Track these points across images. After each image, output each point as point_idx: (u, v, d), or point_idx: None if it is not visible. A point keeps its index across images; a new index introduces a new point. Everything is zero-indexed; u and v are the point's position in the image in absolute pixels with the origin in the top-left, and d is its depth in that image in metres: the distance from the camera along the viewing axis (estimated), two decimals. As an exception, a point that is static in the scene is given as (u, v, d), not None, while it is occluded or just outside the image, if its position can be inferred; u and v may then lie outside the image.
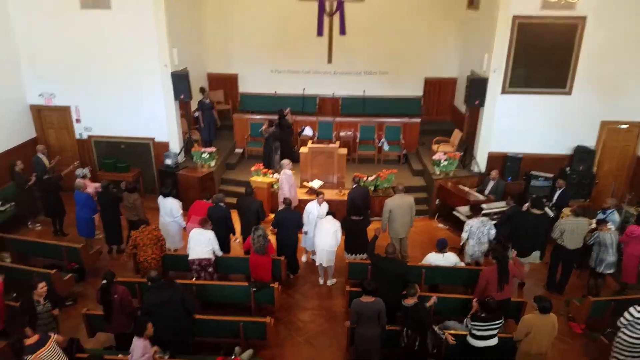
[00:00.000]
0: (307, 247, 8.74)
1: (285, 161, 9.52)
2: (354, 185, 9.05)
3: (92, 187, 9.00)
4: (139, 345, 5.33)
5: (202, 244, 7.39)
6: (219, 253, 7.59)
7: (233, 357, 6.00)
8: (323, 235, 7.84)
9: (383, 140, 12.20)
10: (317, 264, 8.21)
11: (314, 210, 8.30)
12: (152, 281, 6.02)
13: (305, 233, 8.45)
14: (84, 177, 9.06)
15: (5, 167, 9.49)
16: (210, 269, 7.51)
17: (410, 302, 5.92)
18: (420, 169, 11.63)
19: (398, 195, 8.41)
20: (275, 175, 10.34)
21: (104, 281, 6.06)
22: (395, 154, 12.32)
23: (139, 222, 7.59)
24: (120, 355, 5.87)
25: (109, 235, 8.91)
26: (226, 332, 6.59)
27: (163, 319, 5.78)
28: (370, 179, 10.21)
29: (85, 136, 11.06)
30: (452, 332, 6.22)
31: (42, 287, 6.01)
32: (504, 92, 10.33)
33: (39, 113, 10.97)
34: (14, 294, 6.81)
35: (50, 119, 11.04)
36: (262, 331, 6.55)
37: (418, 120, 12.58)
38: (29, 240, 8.53)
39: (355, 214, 8.13)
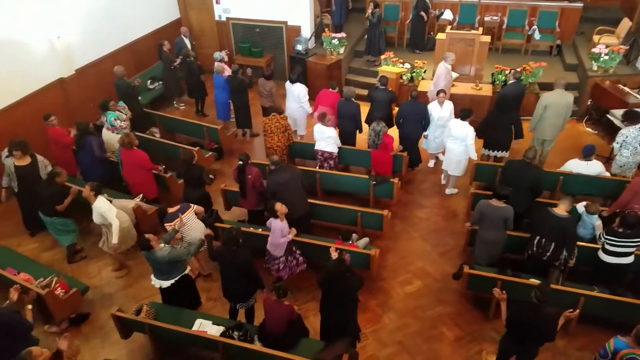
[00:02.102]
0: (428, 149, 8.30)
1: (451, 54, 8.58)
2: (512, 81, 8.14)
3: (229, 71, 9.27)
4: (277, 227, 5.73)
5: (323, 140, 7.53)
6: (339, 144, 7.68)
7: (350, 242, 6.24)
8: (451, 141, 7.33)
9: (534, 27, 10.74)
10: (442, 167, 7.82)
11: (433, 112, 7.72)
12: (275, 164, 6.39)
13: (426, 137, 8.03)
14: (221, 60, 9.41)
15: (154, 46, 10.15)
16: (332, 162, 7.68)
17: (563, 213, 5.48)
18: (574, 63, 10.20)
19: (557, 91, 7.48)
20: (406, 64, 9.80)
21: (240, 162, 6.50)
22: (547, 45, 10.89)
23: (270, 109, 7.84)
24: (251, 228, 6.49)
25: (238, 118, 9.27)
26: (345, 220, 6.88)
27: (286, 198, 6.14)
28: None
29: (224, 18, 11.32)
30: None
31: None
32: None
33: (183, -7, 11.37)
34: (163, 166, 7.69)
35: (192, -1, 11.41)
36: (378, 222, 6.72)
37: (580, 5, 10.71)
38: (175, 118, 9.25)
39: (502, 110, 7.39)
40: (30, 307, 4.87)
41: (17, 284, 5.54)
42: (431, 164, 8.48)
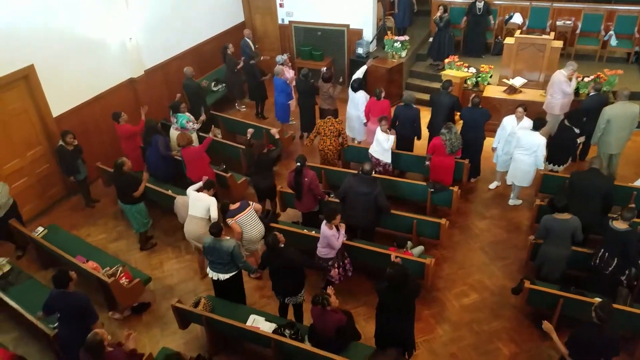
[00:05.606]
0: (498, 166, 7.73)
1: (574, 64, 8.00)
2: (592, 93, 7.61)
3: (289, 74, 9.39)
4: (325, 233, 5.64)
5: (378, 145, 7.41)
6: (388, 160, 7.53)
7: (404, 250, 6.11)
8: (520, 152, 6.93)
9: (611, 32, 10.16)
10: (507, 178, 7.43)
11: (508, 127, 7.24)
12: (363, 172, 6.21)
13: (494, 149, 7.62)
14: (282, 63, 9.52)
15: (218, 49, 10.39)
16: (380, 168, 7.54)
17: (622, 226, 5.22)
18: (655, 70, 9.54)
19: (620, 102, 7.06)
20: (471, 69, 9.50)
21: (297, 164, 6.50)
22: (624, 51, 10.28)
23: (327, 111, 7.84)
24: (305, 230, 6.52)
25: (303, 122, 9.29)
26: (400, 227, 6.74)
27: (354, 207, 6.12)
28: (586, 79, 8.74)
29: (286, 21, 11.47)
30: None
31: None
32: None
33: (249, -4, 11.60)
34: (224, 166, 7.88)
35: (257, 2, 11.61)
36: (435, 231, 6.54)
37: (663, 8, 10.03)
38: (236, 120, 9.47)
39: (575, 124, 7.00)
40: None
41: (86, 270, 5.91)
42: (494, 184, 8.01)
